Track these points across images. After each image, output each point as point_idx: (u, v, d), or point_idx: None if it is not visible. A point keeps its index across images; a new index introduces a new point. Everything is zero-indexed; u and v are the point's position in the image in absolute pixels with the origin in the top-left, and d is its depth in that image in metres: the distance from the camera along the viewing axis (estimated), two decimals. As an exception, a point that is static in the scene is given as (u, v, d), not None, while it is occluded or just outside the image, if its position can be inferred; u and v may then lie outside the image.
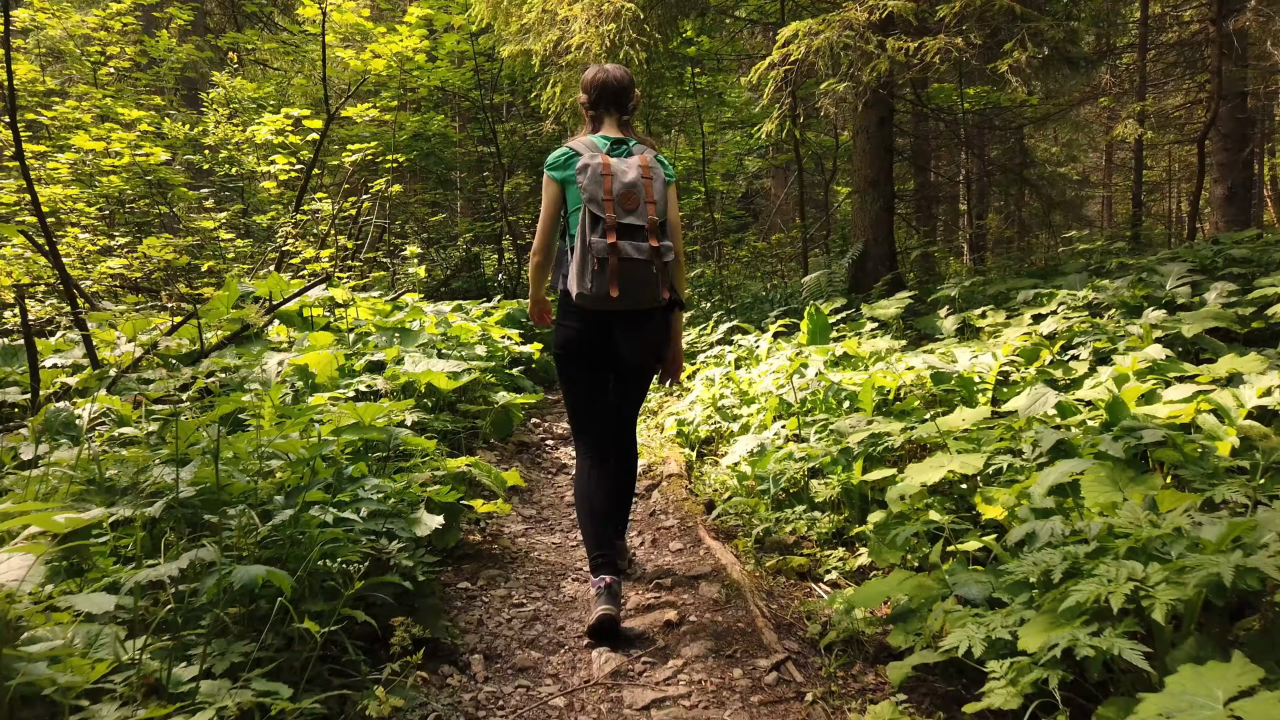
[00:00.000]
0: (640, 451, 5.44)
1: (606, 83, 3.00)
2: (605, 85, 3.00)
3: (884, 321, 6.23)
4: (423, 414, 4.33)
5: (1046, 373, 4.32)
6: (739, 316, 7.58)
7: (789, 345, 6.10)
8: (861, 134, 7.75)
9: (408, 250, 7.65)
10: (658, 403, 6.72)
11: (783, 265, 14.29)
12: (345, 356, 4.97)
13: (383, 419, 3.50)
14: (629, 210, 2.77)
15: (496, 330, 6.54)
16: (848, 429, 3.90)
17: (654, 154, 2.96)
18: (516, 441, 5.89)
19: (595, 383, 3.07)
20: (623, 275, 2.73)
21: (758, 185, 22.71)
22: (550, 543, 4.01)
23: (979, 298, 6.36)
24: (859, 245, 7.65)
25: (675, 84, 13.07)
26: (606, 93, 3.00)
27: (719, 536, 3.86)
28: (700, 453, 5.40)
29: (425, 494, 3.05)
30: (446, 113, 13.35)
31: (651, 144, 3.05)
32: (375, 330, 5.54)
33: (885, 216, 7.75)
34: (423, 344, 5.39)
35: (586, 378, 3.06)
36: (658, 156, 2.96)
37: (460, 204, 14.73)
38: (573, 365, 3.04)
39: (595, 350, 2.98)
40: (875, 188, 7.70)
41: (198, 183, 13.41)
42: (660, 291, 2.83)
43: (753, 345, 6.32)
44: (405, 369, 4.67)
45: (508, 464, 5.38)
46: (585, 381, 3.06)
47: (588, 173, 2.79)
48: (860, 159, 7.79)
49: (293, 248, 6.91)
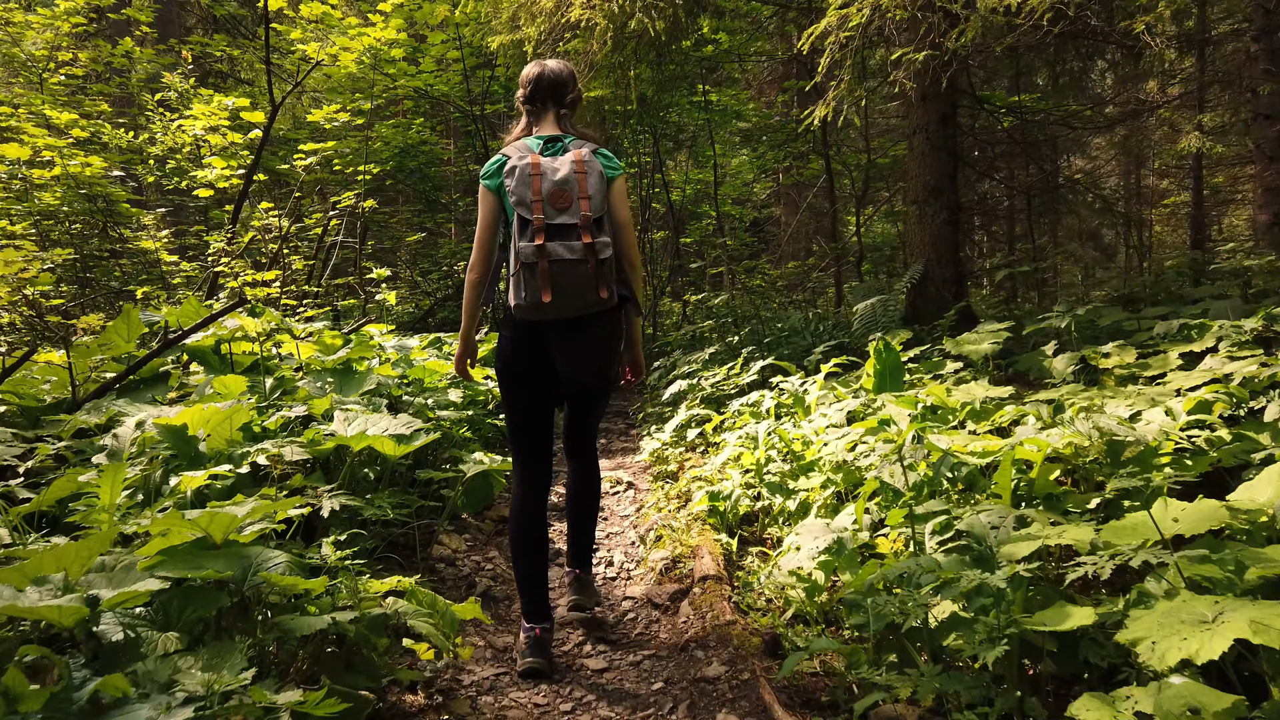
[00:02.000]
0: (661, 536, 4.06)
1: (542, 75, 2.89)
2: (541, 78, 2.89)
3: (969, 360, 4.89)
4: (350, 498, 2.97)
5: (1248, 437, 2.97)
6: (772, 352, 6.23)
7: (849, 391, 4.75)
8: (920, 134, 6.46)
9: (375, 273, 6.32)
10: (677, 460, 5.37)
11: (800, 294, 12.99)
12: (258, 410, 3.62)
13: (254, 528, 2.14)
14: (561, 209, 2.64)
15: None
16: (986, 530, 2.54)
17: (592, 148, 2.79)
18: (496, 517, 4.52)
19: (535, 404, 2.92)
20: (555, 278, 2.60)
21: (767, 212, 21.62)
22: (534, 703, 2.63)
23: (1085, 330, 5.02)
24: (918, 266, 6.32)
25: (687, 94, 11.86)
26: (542, 86, 2.88)
27: (796, 705, 2.47)
28: (741, 535, 4.03)
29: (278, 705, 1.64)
30: (435, 126, 12.12)
31: (593, 138, 2.88)
32: (311, 373, 4.20)
33: (949, 232, 6.43)
34: (368, 390, 4.04)
35: (525, 397, 2.91)
36: (598, 150, 2.80)
37: (454, 229, 13.44)
38: (509, 382, 2.91)
39: (533, 368, 2.84)
40: (937, 197, 6.39)
41: (152, 200, 12.18)
42: (598, 291, 2.64)
43: (798, 390, 4.97)
44: (335, 429, 3.32)
45: (482, 550, 4.01)
46: (524, 402, 2.92)
47: (515, 174, 2.67)
48: (918, 163, 6.49)
49: (228, 269, 5.59)
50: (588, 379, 2.85)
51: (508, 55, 7.63)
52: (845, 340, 5.89)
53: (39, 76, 9.77)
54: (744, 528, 4.14)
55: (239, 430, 3.36)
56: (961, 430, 3.95)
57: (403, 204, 13.45)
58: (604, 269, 2.63)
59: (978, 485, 3.05)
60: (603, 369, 2.84)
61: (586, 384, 2.90)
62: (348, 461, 3.33)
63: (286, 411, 3.43)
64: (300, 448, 3.12)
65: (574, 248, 2.61)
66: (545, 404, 2.94)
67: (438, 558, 3.74)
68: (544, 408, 2.94)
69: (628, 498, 5.11)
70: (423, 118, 10.06)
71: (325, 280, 7.71)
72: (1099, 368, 4.36)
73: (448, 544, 3.91)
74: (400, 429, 3.32)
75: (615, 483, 5.38)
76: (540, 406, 2.92)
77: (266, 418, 3.46)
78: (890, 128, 12.13)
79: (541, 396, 2.91)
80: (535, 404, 2.91)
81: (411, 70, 9.49)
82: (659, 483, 5.10)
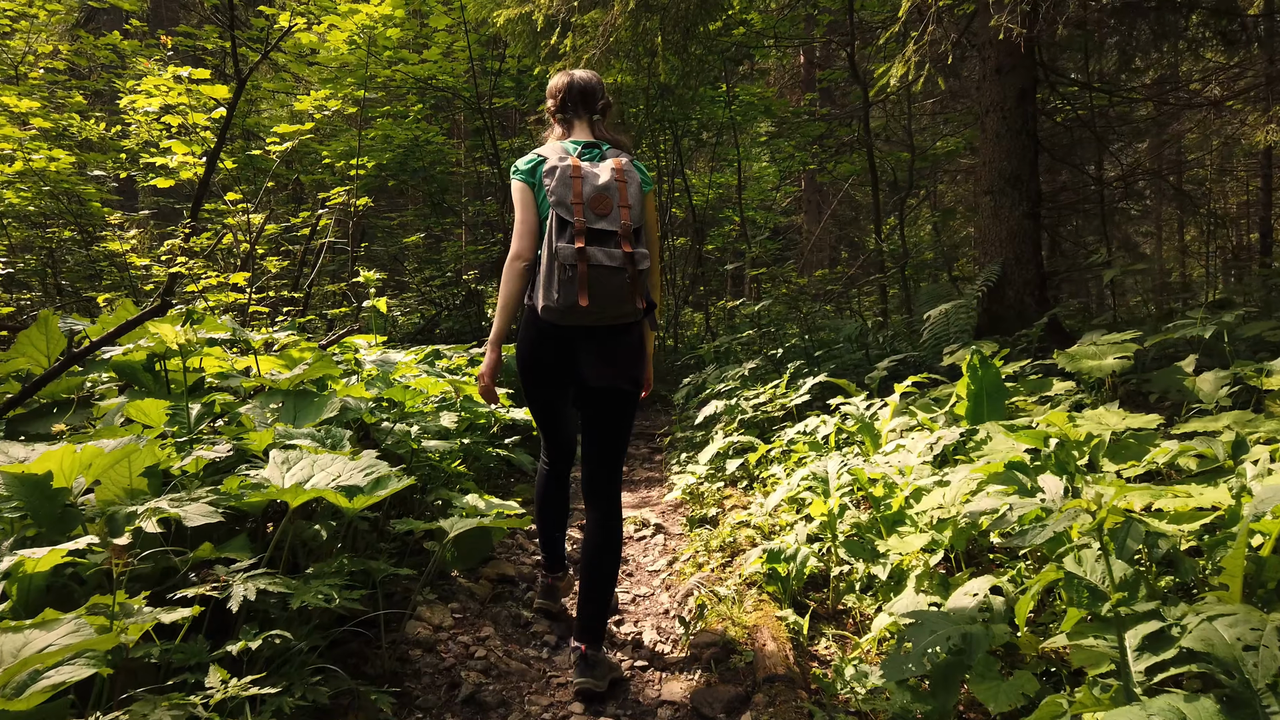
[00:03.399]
0: (704, 606, 3.15)
1: (572, 84, 2.83)
2: (570, 87, 2.82)
3: (1078, 378, 3.95)
4: (272, 580, 2.07)
5: None
6: (823, 368, 5.31)
7: (936, 418, 3.83)
8: (994, 113, 5.53)
9: (362, 275, 5.45)
10: (714, 498, 4.45)
11: (828, 304, 12.03)
12: (178, 447, 2.74)
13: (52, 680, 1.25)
14: (601, 215, 2.55)
15: (470, 386, 4.29)
16: (1234, 650, 1.62)
17: (630, 158, 2.71)
18: (495, 575, 3.61)
19: (556, 404, 2.87)
20: (593, 284, 2.50)
21: (788, 220, 20.81)
22: None
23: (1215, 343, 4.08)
24: (995, 266, 5.39)
25: (710, 90, 10.98)
26: (573, 93, 2.81)
27: None
28: (806, 602, 3.11)
29: None
30: (442, 124, 11.30)
31: (627, 147, 2.83)
32: (261, 396, 3.31)
33: (1030, 226, 5.50)
34: (329, 419, 3.15)
35: (545, 397, 2.85)
36: (633, 161, 2.70)
37: (464, 233, 12.58)
38: (530, 384, 2.80)
39: (555, 373, 2.72)
40: (1015, 186, 5.47)
41: (146, 202, 11.42)
42: (634, 301, 2.56)
43: (863, 414, 4.05)
44: (268, 476, 2.43)
45: (474, 626, 3.10)
46: (544, 401, 2.87)
47: (555, 175, 2.58)
48: (992, 147, 5.57)
49: (186, 270, 4.74)
50: (623, 384, 2.70)
51: (515, 33, 6.77)
52: (912, 353, 4.95)
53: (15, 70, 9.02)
54: (810, 593, 3.22)
55: (142, 476, 2.49)
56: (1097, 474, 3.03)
57: (410, 208, 12.62)
58: (641, 280, 2.56)
59: (1181, 568, 2.12)
60: (637, 374, 2.72)
61: (621, 390, 2.73)
62: (283, 521, 2.44)
63: (206, 451, 2.54)
64: (214, 502, 2.23)
65: (614, 255, 2.53)
66: (567, 404, 2.88)
67: (413, 640, 2.84)
68: (566, 407, 2.89)
69: (656, 545, 4.19)
70: (421, 104, 9.20)
71: (309, 285, 6.84)
72: (1261, 389, 3.42)
73: (428, 619, 3.01)
74: (356, 476, 2.43)
75: (640, 525, 4.47)
76: (562, 405, 2.88)
77: (182, 458, 2.58)
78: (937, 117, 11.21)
79: (563, 398, 2.84)
80: (556, 404, 2.88)
81: (413, 59, 8.65)
82: (695, 529, 4.18)
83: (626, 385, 2.70)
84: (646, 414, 9.06)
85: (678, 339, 12.97)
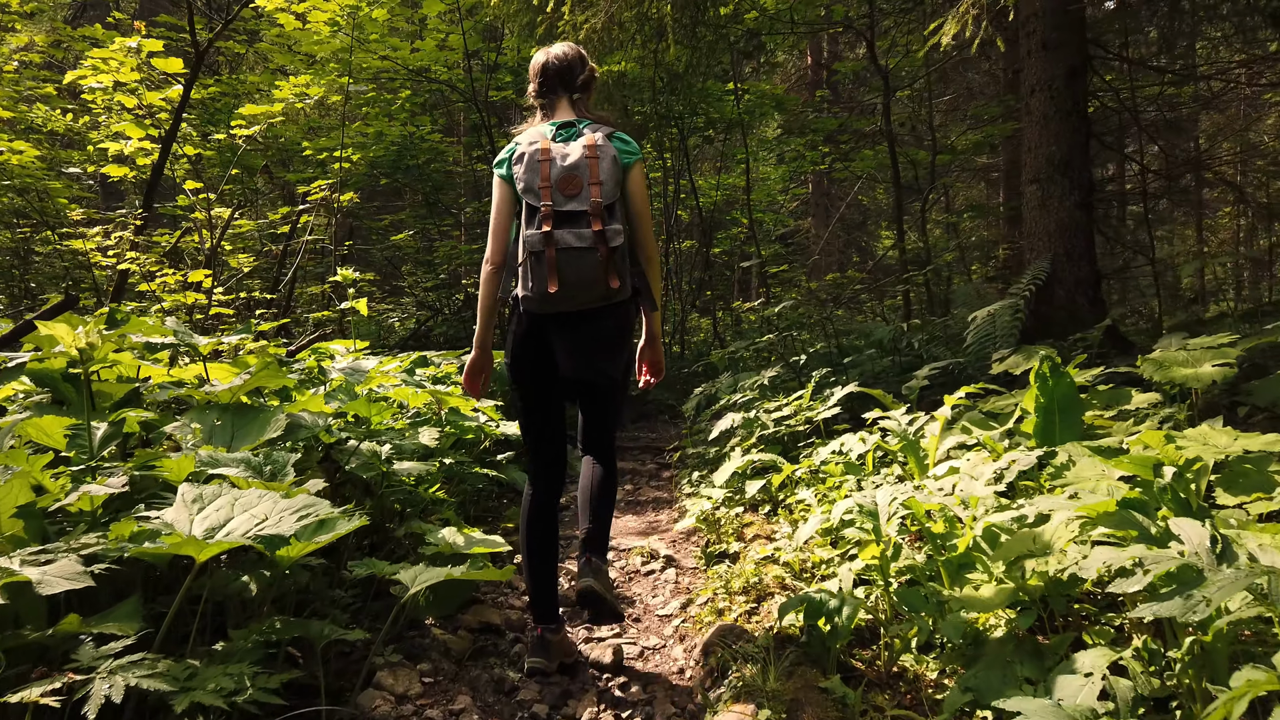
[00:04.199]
0: (729, 669, 2.58)
1: (548, 62, 2.71)
2: (547, 66, 2.71)
3: (1160, 387, 3.39)
4: (150, 674, 1.52)
5: None
6: (850, 377, 4.75)
7: (997, 435, 3.26)
8: (1041, 93, 4.98)
9: (340, 275, 4.90)
10: (733, 526, 3.89)
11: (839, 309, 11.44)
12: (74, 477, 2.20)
13: None
14: (570, 195, 2.47)
15: (455, 398, 3.73)
16: None
17: (608, 132, 2.59)
18: (477, 624, 3.05)
19: (544, 402, 2.73)
20: (562, 267, 2.43)
21: (794, 224, 20.28)
22: None
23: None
24: (1043, 263, 4.84)
25: (718, 85, 10.44)
26: (549, 73, 2.70)
27: None
28: (850, 662, 2.54)
29: None
30: (436, 119, 10.77)
31: (610, 120, 2.68)
32: (195, 411, 2.76)
33: (1081, 218, 4.95)
34: (273, 439, 2.60)
35: (533, 393, 2.72)
36: (614, 134, 2.60)
37: (462, 234, 12.01)
38: (517, 379, 2.71)
39: (539, 364, 2.64)
40: (1065, 173, 4.91)
41: (116, 201, 10.90)
42: (608, 282, 2.46)
43: (906, 429, 3.48)
44: (172, 520, 1.88)
45: (446, 695, 2.53)
46: (532, 397, 2.73)
47: (524, 161, 2.52)
48: (1039, 131, 5.01)
49: (137, 266, 4.21)
50: (590, 376, 2.61)
51: (511, 13, 6.24)
52: (954, 359, 4.39)
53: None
54: (856, 649, 2.66)
55: (15, 517, 1.94)
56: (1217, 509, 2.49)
57: (406, 209, 12.07)
58: (615, 257, 2.47)
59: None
60: (606, 366, 2.61)
61: (591, 383, 2.65)
62: (188, 579, 1.88)
63: (97, 486, 1.98)
64: (80, 563, 1.68)
65: (583, 235, 2.46)
66: (556, 402, 2.75)
67: (369, 717, 2.28)
68: (555, 406, 2.75)
69: (667, 583, 3.63)
70: (411, 92, 8.67)
71: (287, 286, 6.30)
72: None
73: (390, 686, 2.44)
74: (286, 520, 1.87)
75: (648, 556, 3.90)
76: (550, 404, 2.74)
77: (65, 494, 2.03)
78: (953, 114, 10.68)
79: (550, 394, 2.72)
80: (545, 402, 2.73)
81: (404, 46, 8.13)
82: (712, 564, 3.62)
83: (597, 379, 2.62)
84: (653, 425, 8.48)
85: (684, 345, 12.41)
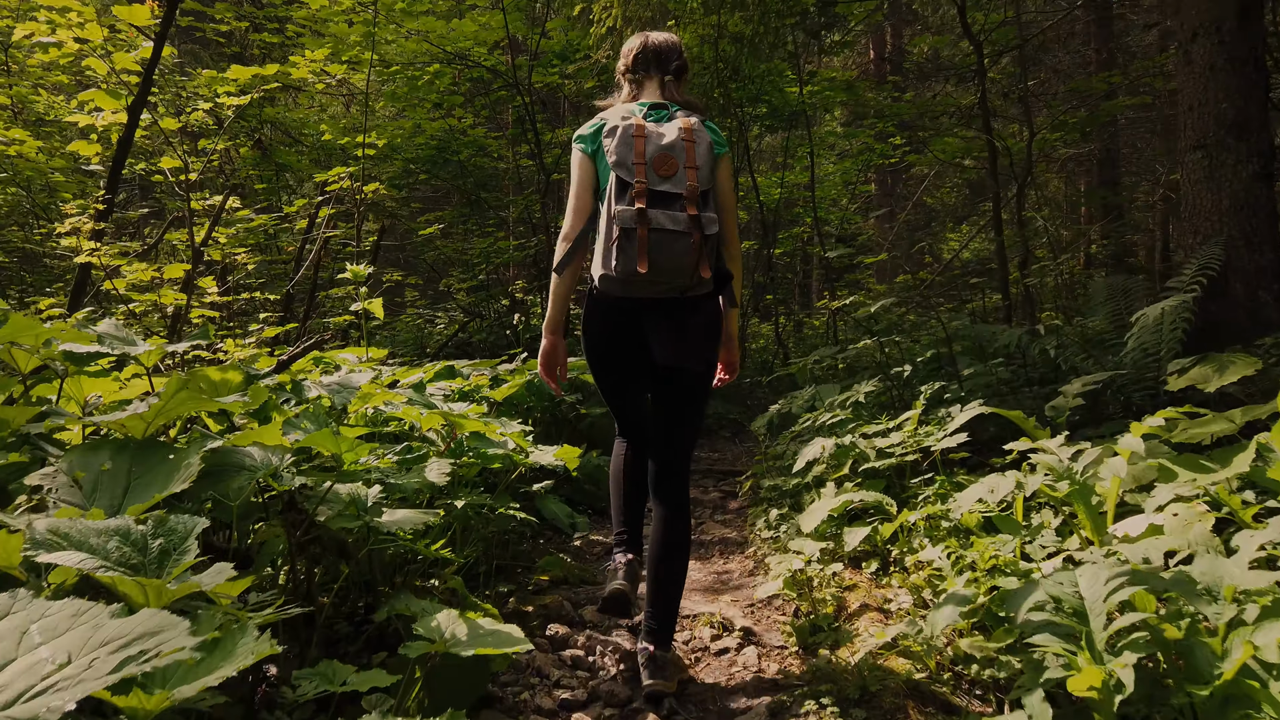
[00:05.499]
0: None
1: (646, 43, 2.68)
2: (645, 46, 2.68)
3: None
4: None
5: None
6: (973, 391, 3.81)
7: (1223, 481, 2.32)
8: (1205, 38, 4.00)
9: (349, 270, 4.14)
10: (833, 591, 2.98)
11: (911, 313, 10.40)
12: None
13: None
14: (665, 176, 2.39)
15: (476, 422, 2.90)
16: None
17: (701, 118, 2.54)
18: None
19: (626, 386, 2.66)
20: (653, 248, 2.33)
21: (854, 226, 19.29)
22: None
23: None
24: (1214, 249, 3.85)
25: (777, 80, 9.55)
26: (647, 53, 2.66)
27: None
28: None
29: None
30: (478, 111, 10.04)
31: (700, 108, 2.62)
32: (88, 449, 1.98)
33: (1261, 192, 3.94)
34: (178, 491, 1.79)
35: (614, 381, 2.66)
36: (706, 122, 2.54)
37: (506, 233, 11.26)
38: (596, 366, 2.64)
39: (622, 352, 2.56)
40: (1240, 137, 3.92)
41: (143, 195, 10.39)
42: (699, 269, 2.37)
43: (1069, 468, 2.55)
44: None
45: None
46: (612, 384, 2.68)
47: (617, 135, 2.43)
48: (1201, 86, 4.02)
49: (100, 260, 3.49)
50: (695, 364, 2.52)
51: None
52: (1111, 372, 3.42)
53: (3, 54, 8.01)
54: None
55: None
56: None
57: (449, 209, 11.35)
58: (708, 245, 2.37)
59: None
60: (708, 353, 2.54)
61: (690, 372, 2.53)
62: None
63: None
64: None
65: (677, 219, 2.35)
66: (639, 386, 2.65)
67: None
68: (638, 389, 2.66)
69: (746, 668, 2.72)
70: (447, 71, 7.94)
71: (307, 287, 5.57)
72: None
73: None
74: (100, 663, 1.05)
75: (720, 629, 3.00)
76: (633, 388, 2.66)
77: None
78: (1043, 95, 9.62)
79: (635, 383, 2.64)
80: (626, 387, 2.66)
81: (440, 24, 7.40)
82: (806, 645, 2.71)
83: (698, 365, 2.54)
84: (714, 442, 7.58)
85: (745, 354, 11.49)
